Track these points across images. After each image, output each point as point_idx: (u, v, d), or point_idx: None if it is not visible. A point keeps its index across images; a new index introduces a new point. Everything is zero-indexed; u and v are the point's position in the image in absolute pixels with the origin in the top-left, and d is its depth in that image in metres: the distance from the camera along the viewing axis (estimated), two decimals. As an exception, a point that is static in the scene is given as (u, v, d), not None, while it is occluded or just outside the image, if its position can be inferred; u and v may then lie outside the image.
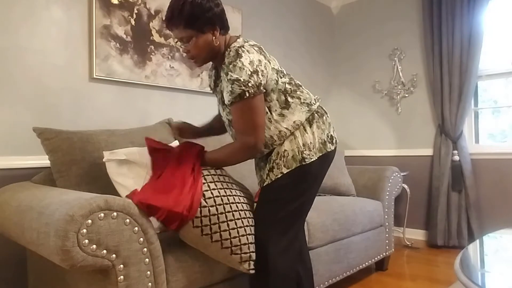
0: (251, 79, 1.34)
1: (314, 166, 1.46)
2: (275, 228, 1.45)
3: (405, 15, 3.71)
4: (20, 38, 1.95)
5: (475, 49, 3.17)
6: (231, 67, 1.35)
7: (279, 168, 1.44)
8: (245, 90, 1.33)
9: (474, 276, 1.38)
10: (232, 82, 1.34)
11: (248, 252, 1.39)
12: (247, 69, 1.34)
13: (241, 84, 1.33)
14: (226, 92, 1.37)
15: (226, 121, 1.54)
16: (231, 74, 1.34)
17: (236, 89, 1.34)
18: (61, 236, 1.02)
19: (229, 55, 1.39)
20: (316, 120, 1.51)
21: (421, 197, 3.57)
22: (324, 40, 4.12)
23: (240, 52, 1.37)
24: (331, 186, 2.68)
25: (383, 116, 3.87)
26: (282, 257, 1.44)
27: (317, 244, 1.99)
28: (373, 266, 2.71)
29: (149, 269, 1.21)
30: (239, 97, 1.34)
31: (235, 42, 1.44)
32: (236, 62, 1.35)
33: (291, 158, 1.44)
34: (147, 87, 2.48)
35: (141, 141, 1.93)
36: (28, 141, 1.92)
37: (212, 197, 1.38)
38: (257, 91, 1.36)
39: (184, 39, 1.42)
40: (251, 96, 1.35)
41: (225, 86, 1.38)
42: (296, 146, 1.45)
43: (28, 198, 1.35)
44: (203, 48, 1.42)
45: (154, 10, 2.50)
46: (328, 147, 1.51)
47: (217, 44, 1.44)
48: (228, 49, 1.42)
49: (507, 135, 3.32)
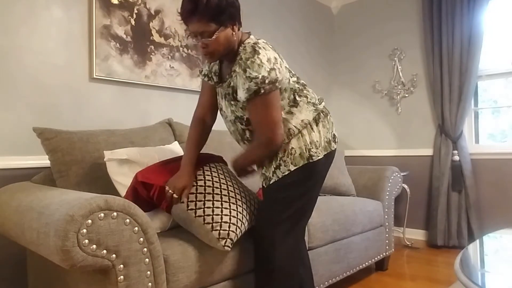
0: (269, 76, 1.33)
1: (320, 164, 1.48)
2: (282, 227, 1.45)
3: (405, 15, 3.71)
4: (20, 38, 1.95)
5: (475, 49, 3.17)
6: (249, 63, 1.34)
7: (286, 166, 1.45)
8: (261, 87, 1.33)
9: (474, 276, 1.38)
10: (250, 79, 1.33)
11: (227, 230, 1.39)
12: (265, 66, 1.33)
13: (258, 82, 1.33)
14: (243, 89, 1.36)
15: (231, 117, 1.51)
16: (250, 72, 1.33)
17: (253, 87, 1.33)
18: (61, 236, 1.02)
19: (245, 51, 1.37)
20: (322, 120, 1.53)
21: (421, 197, 3.57)
22: (324, 40, 4.12)
23: (257, 49, 1.36)
24: (331, 186, 2.68)
25: (383, 116, 3.87)
26: (288, 256, 1.45)
27: (317, 244, 1.99)
28: (373, 266, 2.71)
29: (149, 269, 1.21)
30: (254, 93, 1.35)
31: (249, 39, 1.44)
32: (254, 59, 1.34)
33: (298, 155, 1.45)
34: (147, 87, 2.48)
35: (141, 141, 1.94)
36: (28, 141, 1.92)
37: (203, 180, 1.46)
38: (273, 88, 1.36)
39: (205, 33, 1.34)
40: (266, 93, 1.35)
41: (241, 82, 1.36)
42: (303, 144, 1.46)
43: (28, 198, 1.35)
44: (223, 44, 1.38)
45: (154, 10, 2.50)
46: (332, 146, 1.55)
47: (235, 39, 1.41)
48: (243, 45, 1.41)
49: (507, 135, 3.32)
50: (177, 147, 1.92)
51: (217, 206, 1.42)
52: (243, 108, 1.44)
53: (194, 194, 1.42)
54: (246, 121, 1.47)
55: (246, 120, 1.47)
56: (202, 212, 1.40)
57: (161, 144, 1.99)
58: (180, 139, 2.18)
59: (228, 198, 1.46)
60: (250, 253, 1.59)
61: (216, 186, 1.47)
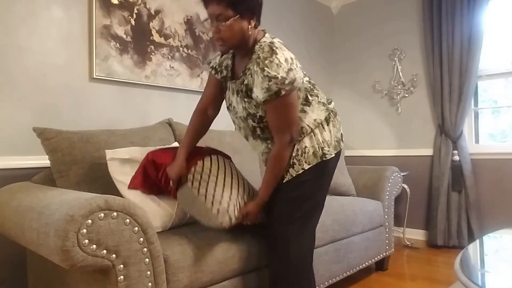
0: (288, 77, 1.34)
1: (332, 162, 1.52)
2: (295, 225, 1.47)
3: (405, 15, 3.71)
4: (20, 38, 1.95)
5: (475, 49, 3.17)
6: (267, 63, 1.33)
7: (301, 164, 1.47)
8: (281, 88, 1.34)
9: (474, 276, 1.38)
10: (269, 79, 1.33)
11: (226, 207, 1.42)
12: (284, 66, 1.33)
13: (278, 82, 1.33)
14: (261, 88, 1.35)
15: (243, 113, 1.50)
16: (268, 71, 1.32)
17: (273, 87, 1.33)
18: (61, 236, 1.02)
19: (262, 50, 1.37)
20: (332, 119, 1.56)
21: (421, 197, 3.57)
22: (324, 40, 4.12)
23: (274, 49, 1.36)
24: (331, 186, 2.65)
25: (383, 116, 3.87)
26: (302, 254, 1.48)
27: (317, 244, 1.98)
28: (373, 266, 2.71)
29: (149, 269, 1.21)
30: (275, 95, 1.35)
31: (264, 37, 1.44)
32: (272, 59, 1.34)
33: (312, 154, 1.47)
34: (147, 87, 2.48)
35: (141, 141, 1.94)
36: (28, 141, 1.92)
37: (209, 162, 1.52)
38: (292, 88, 1.37)
39: (220, 17, 1.35)
40: (287, 94, 1.36)
41: (258, 81, 1.36)
42: (316, 143, 1.48)
43: (28, 198, 1.35)
44: (236, 34, 1.38)
45: (154, 10, 2.50)
46: (341, 145, 1.58)
47: (250, 34, 1.41)
48: (259, 43, 1.41)
49: (507, 135, 3.32)
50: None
51: (219, 186, 1.45)
52: (256, 106, 1.44)
53: (200, 174, 1.46)
54: (259, 118, 1.47)
55: (259, 118, 1.47)
56: (204, 191, 1.42)
57: (161, 144, 1.99)
58: (180, 139, 2.18)
59: (230, 183, 1.49)
60: (251, 253, 1.59)
61: (220, 172, 1.50)
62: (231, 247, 1.53)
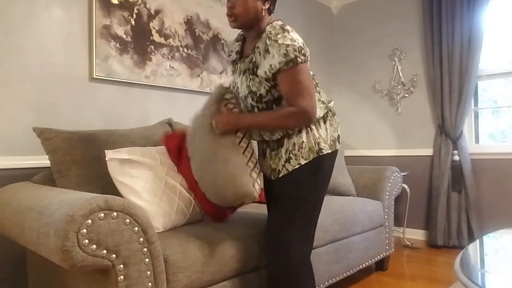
0: (304, 47, 1.38)
1: (328, 159, 1.51)
2: (295, 225, 1.47)
3: (405, 15, 3.71)
4: (20, 38, 1.95)
5: (475, 49, 3.17)
6: (279, 37, 1.37)
7: (297, 159, 1.47)
8: (298, 56, 1.36)
9: (474, 276, 1.38)
10: (286, 45, 1.35)
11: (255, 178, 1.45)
12: (297, 41, 1.38)
13: (296, 49, 1.36)
14: (278, 56, 1.36)
15: (245, 92, 1.51)
16: (283, 41, 1.36)
17: (291, 53, 1.35)
18: (61, 236, 1.02)
19: (273, 28, 1.42)
20: (330, 118, 1.56)
21: (421, 197, 3.57)
22: (324, 40, 4.12)
23: (286, 28, 1.41)
24: (331, 186, 2.68)
25: (383, 116, 3.87)
26: (302, 254, 1.48)
27: (317, 244, 1.99)
28: (373, 266, 2.71)
29: (149, 269, 1.21)
30: (292, 62, 1.36)
31: (276, 21, 1.48)
32: (285, 34, 1.38)
33: (308, 149, 1.47)
34: (147, 87, 2.48)
35: (141, 141, 1.94)
36: (28, 141, 1.92)
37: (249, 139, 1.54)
38: (306, 59, 1.40)
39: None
40: (303, 62, 1.38)
41: (274, 50, 1.36)
42: (312, 138, 1.49)
43: (28, 198, 1.35)
44: (249, 11, 1.43)
45: (154, 10, 2.50)
46: (336, 146, 1.57)
47: (263, 15, 1.46)
48: (271, 24, 1.45)
49: (507, 135, 3.32)
50: (177, 147, 1.92)
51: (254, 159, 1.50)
52: (260, 83, 1.45)
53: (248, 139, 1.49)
54: (258, 97, 1.47)
55: (258, 96, 1.47)
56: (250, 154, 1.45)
57: (161, 144, 1.99)
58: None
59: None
60: (251, 253, 1.59)
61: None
62: (231, 247, 1.53)
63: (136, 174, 1.59)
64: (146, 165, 1.62)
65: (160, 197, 1.60)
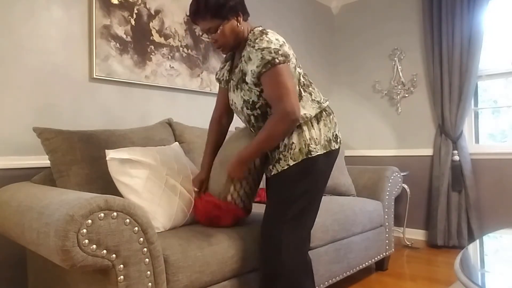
0: (281, 48, 1.40)
1: (320, 160, 1.50)
2: (287, 226, 1.46)
3: (405, 15, 3.71)
4: (20, 38, 1.95)
5: (475, 49, 3.17)
6: (257, 41, 1.41)
7: (286, 160, 1.47)
8: (275, 57, 1.38)
9: (474, 276, 1.38)
10: (262, 49, 1.38)
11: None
12: (275, 42, 1.41)
13: (271, 51, 1.38)
14: (256, 61, 1.40)
15: (240, 104, 1.55)
16: (259, 45, 1.39)
17: (266, 56, 1.38)
18: (61, 236, 1.02)
19: (254, 34, 1.45)
20: (324, 118, 1.56)
21: (421, 197, 3.57)
22: (324, 40, 4.12)
23: (265, 32, 1.45)
24: (331, 186, 2.68)
25: (383, 116, 3.87)
26: (296, 255, 1.47)
27: (317, 244, 1.99)
28: (373, 266, 2.71)
29: (149, 269, 1.21)
30: (269, 64, 1.38)
31: (257, 27, 1.52)
32: (262, 37, 1.41)
33: (298, 151, 1.47)
34: (147, 87, 2.48)
35: (141, 141, 1.94)
36: (28, 141, 1.92)
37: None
38: (286, 60, 1.41)
39: (211, 29, 1.47)
40: (281, 63, 1.39)
41: (253, 56, 1.41)
42: (302, 140, 1.48)
43: (28, 198, 1.35)
44: (230, 35, 1.48)
45: (154, 10, 2.50)
46: (333, 146, 1.55)
47: (242, 29, 1.50)
48: (252, 32, 1.48)
49: (507, 135, 3.32)
50: (178, 147, 1.92)
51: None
52: (250, 90, 1.48)
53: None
54: (251, 104, 1.50)
55: (251, 104, 1.50)
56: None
57: (161, 144, 1.99)
58: (180, 139, 2.18)
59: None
60: (251, 253, 1.59)
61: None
62: (231, 247, 1.53)
63: (137, 174, 1.59)
64: (146, 165, 1.62)
65: (160, 197, 1.60)
